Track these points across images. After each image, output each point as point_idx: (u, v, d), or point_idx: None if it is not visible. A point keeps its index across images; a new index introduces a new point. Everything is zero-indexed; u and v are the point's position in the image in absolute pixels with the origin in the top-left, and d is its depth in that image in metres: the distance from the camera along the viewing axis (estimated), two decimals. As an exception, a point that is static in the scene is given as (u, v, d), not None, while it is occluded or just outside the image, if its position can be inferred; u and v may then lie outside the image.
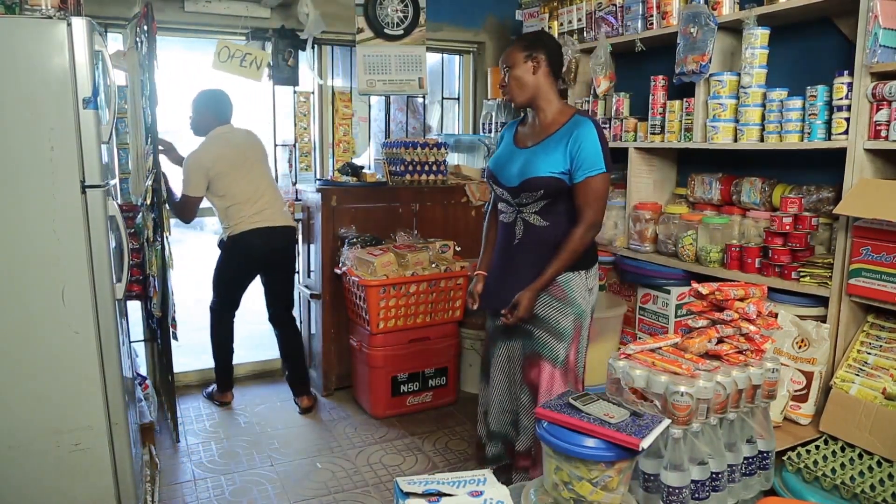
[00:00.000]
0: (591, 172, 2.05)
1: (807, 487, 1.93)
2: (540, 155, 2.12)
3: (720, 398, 1.63)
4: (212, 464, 2.88)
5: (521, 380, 2.24)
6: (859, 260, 2.13)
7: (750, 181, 2.69)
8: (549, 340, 2.15)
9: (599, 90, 3.19)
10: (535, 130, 2.20)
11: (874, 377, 2.09)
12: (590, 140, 2.06)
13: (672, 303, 2.77)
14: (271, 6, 3.50)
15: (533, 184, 2.10)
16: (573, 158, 2.06)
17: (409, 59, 3.87)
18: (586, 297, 2.18)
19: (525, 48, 2.15)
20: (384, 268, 3.19)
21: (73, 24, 1.93)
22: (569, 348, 2.16)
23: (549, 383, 2.15)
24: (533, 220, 2.16)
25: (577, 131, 2.07)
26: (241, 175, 3.19)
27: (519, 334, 2.25)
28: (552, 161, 2.09)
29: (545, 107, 2.17)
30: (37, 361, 2.03)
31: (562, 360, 2.15)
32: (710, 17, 2.55)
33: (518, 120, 2.33)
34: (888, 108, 2.08)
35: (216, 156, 3.15)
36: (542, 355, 2.16)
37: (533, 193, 2.11)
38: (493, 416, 2.36)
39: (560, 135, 2.11)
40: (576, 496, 1.45)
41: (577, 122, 2.10)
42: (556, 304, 2.15)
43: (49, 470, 2.09)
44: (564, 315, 2.14)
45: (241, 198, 3.19)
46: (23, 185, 1.95)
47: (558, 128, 2.13)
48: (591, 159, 2.05)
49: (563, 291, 2.14)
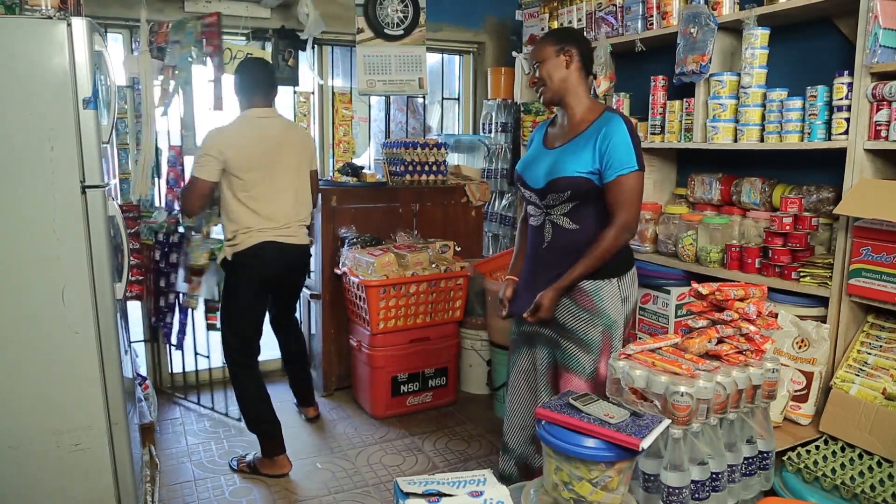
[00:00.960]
0: (622, 171, 1.94)
1: (807, 487, 1.93)
2: (568, 154, 2.03)
3: (720, 398, 1.63)
4: (212, 464, 2.88)
5: (548, 392, 2.13)
6: (859, 260, 2.13)
7: (750, 181, 2.69)
8: (575, 352, 2.04)
9: (599, 90, 3.18)
10: (564, 130, 2.11)
11: (874, 377, 2.09)
12: (621, 137, 1.96)
13: (672, 303, 2.77)
14: (271, 6, 3.50)
15: (560, 184, 2.00)
16: (603, 156, 1.96)
17: (409, 60, 3.87)
18: (618, 306, 2.04)
19: (557, 41, 2.07)
20: (384, 268, 3.18)
21: (73, 24, 1.93)
22: (597, 360, 2.02)
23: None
24: (562, 222, 2.06)
25: (607, 128, 1.97)
26: (265, 176, 2.61)
27: (544, 342, 2.14)
28: (581, 160, 1.99)
29: (574, 104, 2.08)
30: (37, 361, 2.03)
31: (590, 373, 2.02)
32: (710, 18, 2.55)
33: (548, 122, 2.24)
34: (888, 109, 2.08)
35: (236, 144, 2.57)
36: (569, 367, 2.05)
37: (560, 194, 2.02)
38: (509, 429, 2.25)
39: (589, 133, 2.01)
40: (576, 496, 1.45)
41: (607, 119, 2.00)
42: (583, 315, 2.03)
43: (49, 470, 2.09)
44: (593, 326, 2.02)
45: (258, 204, 2.61)
46: (23, 185, 1.95)
47: (588, 126, 2.03)
48: (623, 157, 1.95)
49: (591, 301, 2.02)
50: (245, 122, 2.66)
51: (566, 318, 2.05)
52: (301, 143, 2.80)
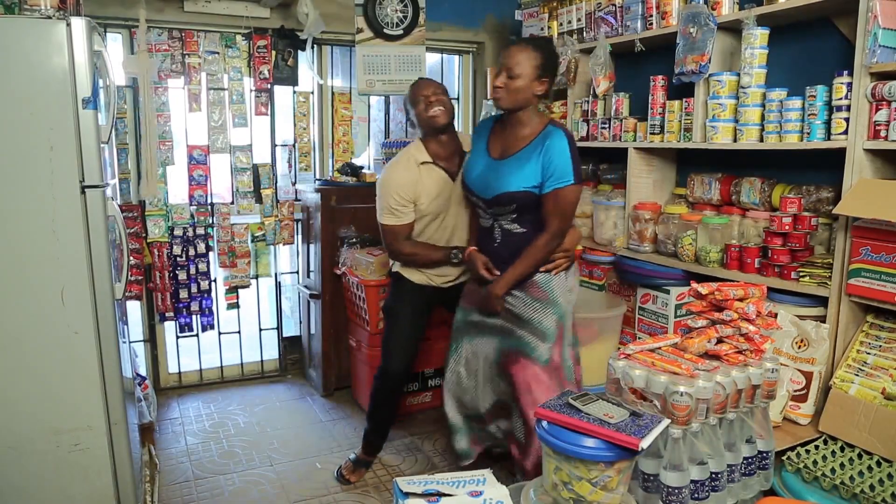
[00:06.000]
0: (559, 184, 2.07)
1: (806, 487, 1.93)
2: (512, 169, 2.13)
3: (719, 398, 1.63)
4: (212, 464, 2.88)
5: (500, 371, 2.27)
6: (859, 260, 2.13)
7: (749, 181, 2.69)
8: (532, 340, 2.18)
9: (599, 90, 3.18)
10: (508, 140, 2.20)
11: (873, 377, 2.09)
12: (561, 151, 2.07)
13: (671, 303, 2.77)
14: (271, 6, 3.50)
15: (505, 199, 2.13)
16: (545, 169, 2.08)
17: (408, 59, 3.87)
18: (567, 296, 2.23)
19: (540, 67, 2.11)
20: (384, 268, 3.18)
21: (72, 24, 1.93)
22: (553, 348, 2.19)
23: (531, 381, 2.16)
24: (510, 227, 2.20)
25: (549, 142, 2.09)
26: (442, 216, 2.52)
27: (493, 332, 2.28)
28: (524, 175, 2.11)
29: (526, 119, 2.18)
30: (36, 361, 2.03)
31: (546, 360, 2.18)
32: (709, 18, 2.55)
33: (494, 119, 2.32)
34: (888, 108, 2.08)
35: (413, 188, 2.43)
36: (524, 353, 2.18)
37: (507, 206, 2.15)
38: (452, 409, 2.46)
39: (533, 146, 2.13)
40: (575, 496, 1.45)
41: (549, 133, 2.11)
42: (537, 306, 2.18)
43: (49, 470, 2.09)
44: (546, 315, 2.18)
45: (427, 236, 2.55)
46: (22, 185, 1.95)
47: (532, 139, 2.14)
48: (562, 170, 2.07)
49: (543, 292, 2.18)
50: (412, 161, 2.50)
51: (521, 308, 2.19)
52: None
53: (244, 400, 3.57)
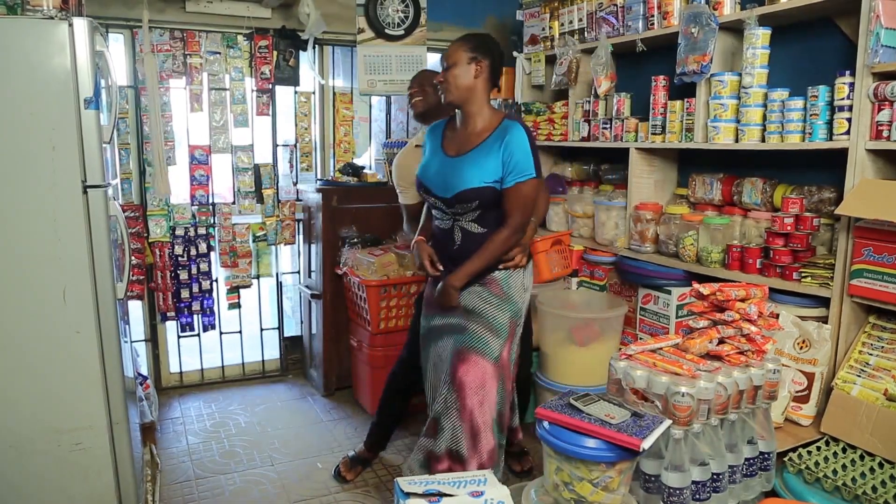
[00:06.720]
0: (520, 178, 2.07)
1: (808, 489, 1.92)
2: (472, 165, 2.10)
3: (721, 399, 1.63)
4: (212, 464, 2.89)
5: (449, 378, 2.17)
6: (861, 261, 2.13)
7: (751, 181, 2.69)
8: (485, 335, 2.14)
9: (600, 90, 3.18)
10: (463, 137, 2.17)
11: (876, 378, 2.09)
12: (521, 146, 2.07)
13: (673, 303, 2.77)
14: (272, 6, 3.50)
15: (467, 195, 2.09)
16: (505, 164, 2.07)
17: (409, 60, 3.87)
18: (522, 295, 2.22)
19: (472, 49, 2.12)
20: (385, 268, 3.19)
21: (74, 24, 1.93)
22: (503, 345, 2.16)
23: (482, 379, 2.12)
24: (471, 227, 2.16)
25: (508, 136, 2.07)
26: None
27: (449, 331, 2.22)
28: (485, 171, 2.08)
29: (475, 112, 2.15)
30: (38, 361, 2.03)
31: (496, 356, 2.14)
32: (711, 18, 2.55)
33: (443, 123, 2.29)
34: (890, 109, 2.07)
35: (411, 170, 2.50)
36: (476, 350, 2.13)
37: (468, 204, 2.11)
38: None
39: (491, 140, 2.10)
40: (576, 496, 1.45)
41: (508, 128, 2.09)
42: (494, 301, 2.16)
43: (50, 469, 2.09)
44: (502, 312, 2.15)
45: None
46: (24, 185, 1.95)
47: (489, 134, 2.12)
48: (523, 165, 2.06)
49: (501, 289, 2.16)
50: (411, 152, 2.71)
51: (477, 303, 2.16)
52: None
53: (245, 400, 3.57)
